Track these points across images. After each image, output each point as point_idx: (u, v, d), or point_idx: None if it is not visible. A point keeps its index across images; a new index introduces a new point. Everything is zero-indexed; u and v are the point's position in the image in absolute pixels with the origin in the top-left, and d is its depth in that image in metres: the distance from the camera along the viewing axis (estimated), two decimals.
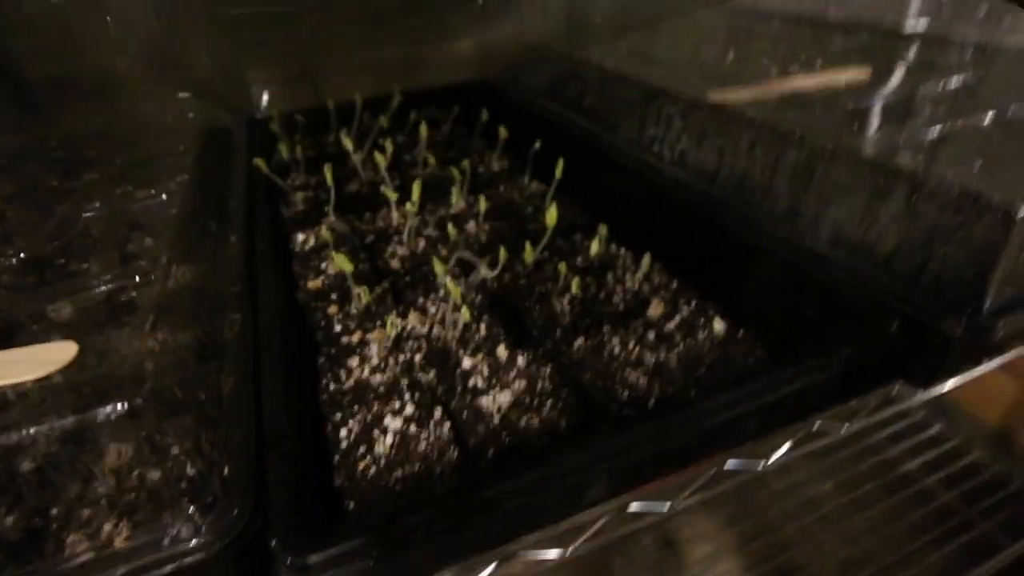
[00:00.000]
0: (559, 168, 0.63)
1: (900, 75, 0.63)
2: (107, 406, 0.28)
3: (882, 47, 0.74)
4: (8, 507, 0.27)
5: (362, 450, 0.37)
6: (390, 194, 0.62)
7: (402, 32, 1.00)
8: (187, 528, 0.27)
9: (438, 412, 0.38)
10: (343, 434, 0.38)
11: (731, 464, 0.42)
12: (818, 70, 0.67)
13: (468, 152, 0.82)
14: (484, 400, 0.39)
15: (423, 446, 0.36)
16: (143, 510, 0.28)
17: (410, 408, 0.39)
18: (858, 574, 0.85)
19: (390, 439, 0.37)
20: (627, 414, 0.38)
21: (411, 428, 0.37)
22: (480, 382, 0.41)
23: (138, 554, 0.27)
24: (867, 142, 0.48)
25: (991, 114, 0.51)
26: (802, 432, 0.46)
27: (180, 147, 0.60)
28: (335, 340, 0.47)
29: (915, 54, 0.71)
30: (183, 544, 0.27)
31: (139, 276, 0.39)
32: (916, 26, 0.81)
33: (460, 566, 0.32)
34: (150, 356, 0.34)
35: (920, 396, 0.48)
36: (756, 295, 0.49)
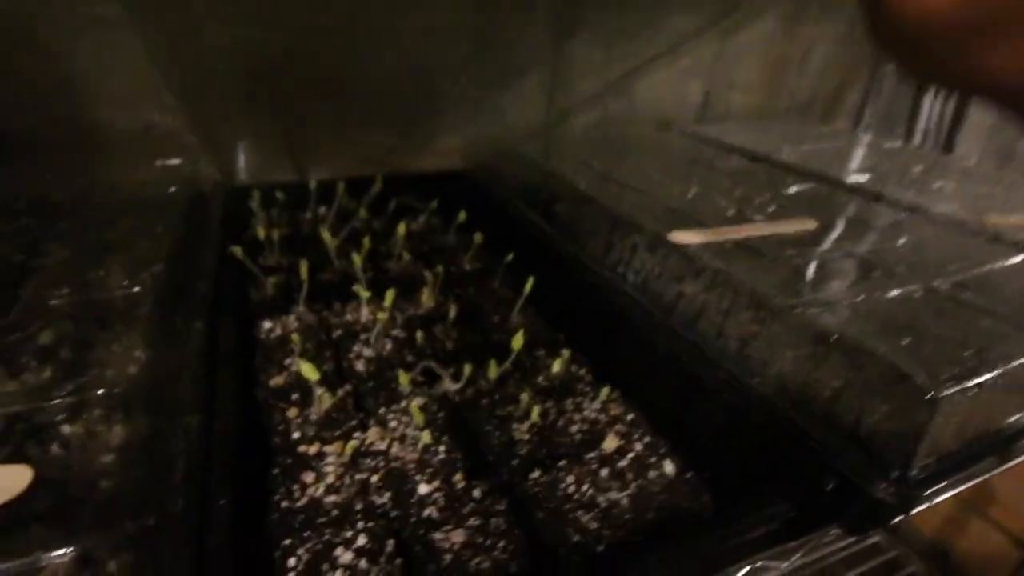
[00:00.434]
0: (528, 284, 0.66)
1: (841, 231, 0.69)
2: (56, 550, 0.27)
3: (827, 197, 0.82)
4: None
5: None
6: (363, 293, 0.63)
7: (389, 119, 1.05)
8: None
9: (390, 545, 0.38)
10: (291, 563, 0.37)
11: None
12: (770, 215, 0.73)
13: (443, 248, 0.85)
14: (438, 536, 0.39)
15: None
16: None
17: (362, 539, 0.38)
18: None
19: (339, 574, 0.36)
20: (575, 560, 0.39)
21: (361, 562, 0.37)
22: (435, 513, 0.41)
23: None
24: (808, 301, 0.53)
25: (918, 287, 0.57)
26: (744, 570, 0.47)
27: (158, 228, 0.60)
28: (292, 449, 0.47)
29: (855, 208, 0.78)
30: None
31: (101, 386, 0.38)
32: (857, 179, 0.90)
33: None
34: (103, 475, 0.33)
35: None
36: (705, 435, 0.51)
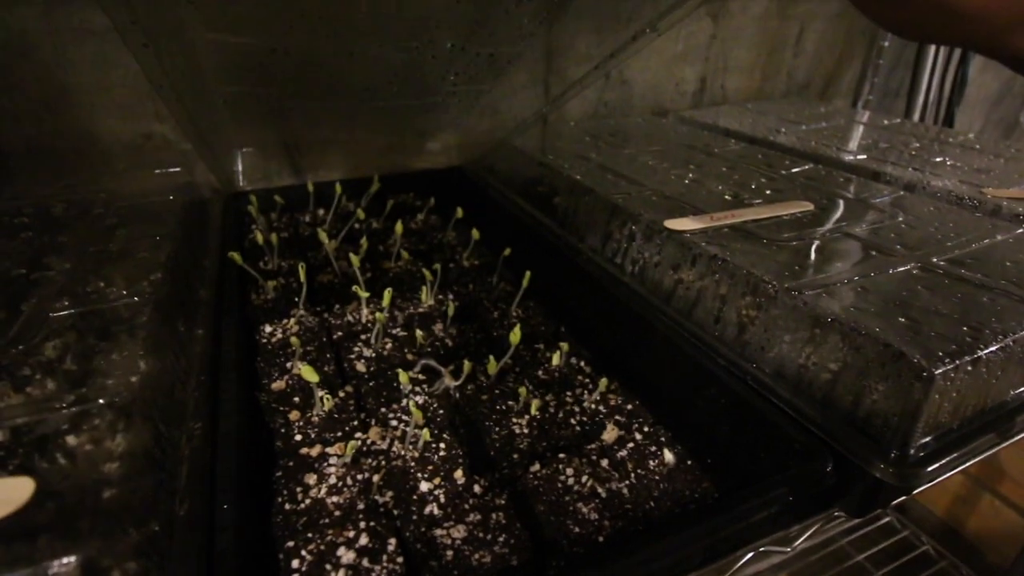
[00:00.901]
0: (526, 278, 0.66)
1: (839, 212, 0.69)
2: (59, 559, 0.28)
3: (825, 177, 0.82)
4: None
5: None
6: (362, 293, 0.64)
7: (388, 115, 1.04)
8: None
9: (392, 544, 0.39)
10: (295, 564, 0.38)
11: None
12: (767, 198, 0.73)
13: (441, 246, 0.85)
14: (439, 532, 0.40)
15: None
16: None
17: (364, 538, 0.39)
18: None
19: (342, 574, 0.37)
20: (576, 552, 0.40)
21: (364, 561, 0.38)
22: (436, 510, 0.42)
23: None
24: (805, 284, 0.53)
25: (916, 265, 0.57)
26: (748, 556, 0.48)
27: (157, 236, 0.61)
28: (294, 452, 0.48)
29: (852, 188, 0.78)
30: None
31: (102, 396, 0.39)
32: (855, 158, 0.89)
33: None
34: (107, 484, 0.34)
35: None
36: (704, 422, 0.51)
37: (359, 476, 0.45)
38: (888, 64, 1.35)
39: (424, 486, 0.44)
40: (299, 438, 0.49)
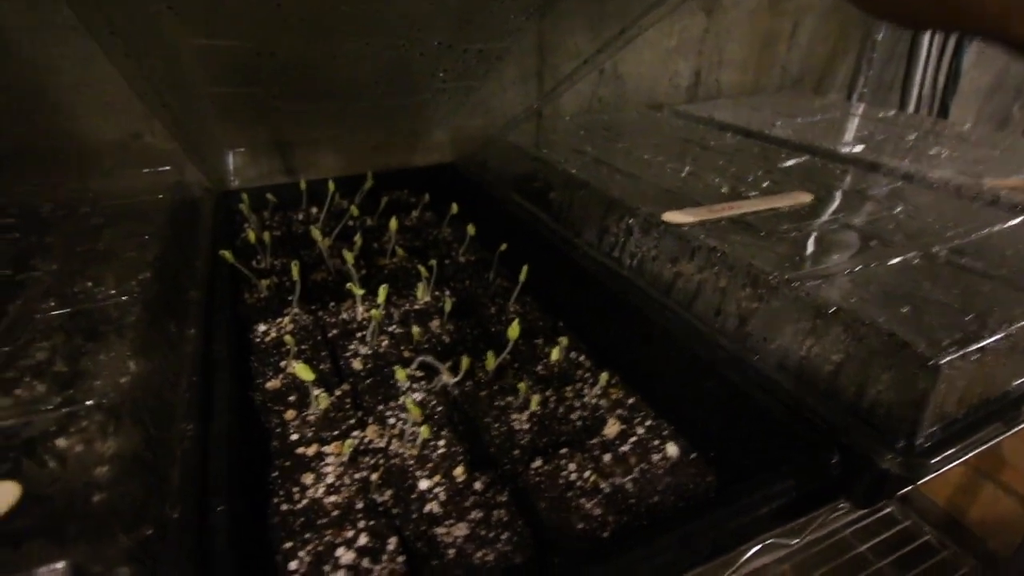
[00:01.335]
0: (523, 273, 0.65)
1: (837, 203, 0.68)
2: (47, 565, 0.27)
3: (822, 169, 0.81)
4: None
5: None
6: (356, 290, 0.63)
7: (378, 113, 1.03)
8: None
9: (392, 543, 0.38)
10: (293, 566, 0.37)
11: None
12: (764, 191, 0.72)
13: (436, 242, 0.84)
14: (440, 531, 0.39)
15: None
16: None
17: (364, 538, 0.38)
18: None
19: (342, 575, 0.36)
20: (580, 548, 0.39)
21: (364, 562, 0.37)
22: (437, 508, 0.41)
23: None
24: (805, 275, 0.52)
25: (917, 255, 0.56)
26: (755, 548, 0.47)
27: (145, 235, 0.60)
28: (290, 451, 0.47)
29: (850, 179, 0.77)
30: None
31: (90, 398, 0.38)
32: (852, 150, 0.89)
33: None
34: (97, 487, 0.33)
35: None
36: (707, 415, 0.51)
37: (357, 475, 0.44)
38: (882, 57, 1.35)
39: (424, 484, 0.43)
40: (295, 437, 0.48)
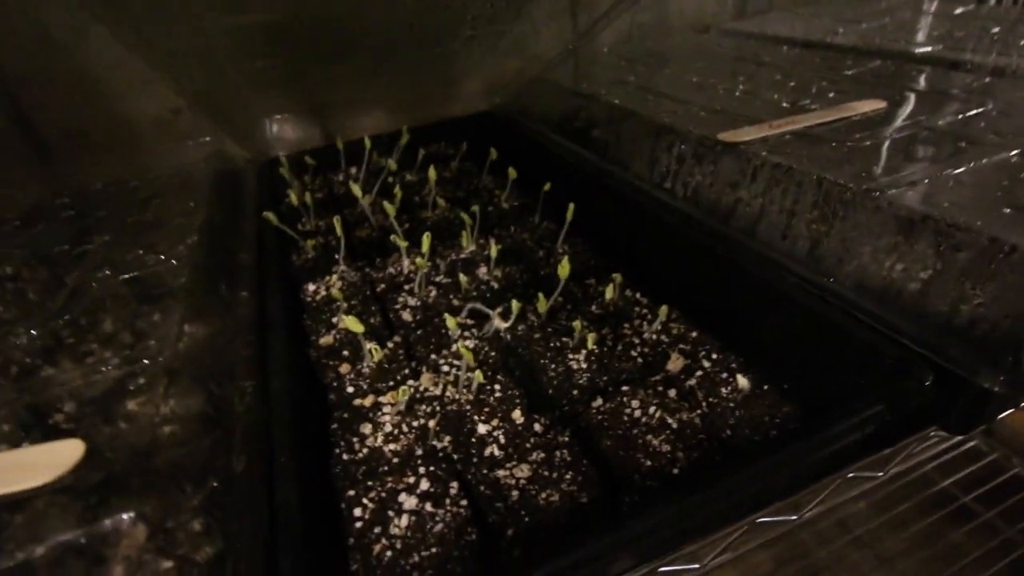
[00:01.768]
0: (570, 211, 0.62)
1: (916, 107, 0.61)
2: (115, 515, 0.27)
3: (895, 73, 0.73)
4: None
5: (377, 531, 0.35)
6: (400, 243, 0.62)
7: (410, 67, 1.00)
8: None
9: (454, 487, 0.37)
10: (357, 512, 0.37)
11: (763, 520, 0.41)
12: (830, 102, 0.65)
13: (477, 190, 0.81)
14: (501, 473, 0.38)
15: (440, 527, 0.35)
16: None
17: (425, 483, 0.37)
18: None
19: (405, 520, 0.35)
20: (650, 486, 0.37)
21: (427, 506, 0.36)
22: (497, 451, 0.40)
23: None
24: (887, 184, 0.47)
25: (1015, 153, 0.49)
26: (836, 483, 0.44)
27: (191, 203, 0.60)
28: (347, 403, 0.46)
29: (929, 81, 0.69)
30: None
31: (148, 357, 0.38)
32: (928, 49, 0.80)
33: None
34: (160, 444, 0.33)
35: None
36: (779, 344, 0.47)
37: (415, 423, 0.43)
38: None
39: (482, 428, 0.42)
40: (351, 390, 0.48)
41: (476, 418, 0.43)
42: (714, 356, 0.47)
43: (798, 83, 0.73)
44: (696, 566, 0.41)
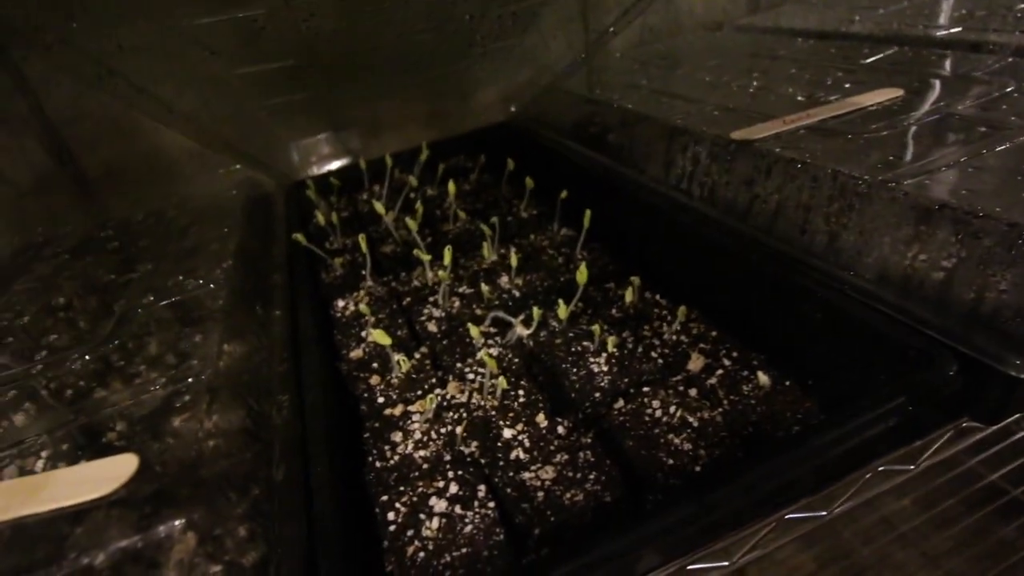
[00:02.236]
0: (587, 218, 0.63)
1: (935, 93, 0.60)
2: (167, 523, 0.29)
3: (913, 59, 0.72)
4: None
5: (410, 533, 0.37)
6: (423, 256, 0.64)
7: (425, 86, 1.03)
8: None
9: (482, 490, 0.39)
10: (391, 516, 0.38)
11: (792, 516, 0.41)
12: (846, 93, 0.65)
13: (496, 201, 0.83)
14: (527, 475, 0.39)
15: (469, 528, 0.36)
16: None
17: (454, 487, 0.39)
18: None
19: (436, 522, 0.37)
20: (673, 484, 0.38)
21: (456, 509, 0.38)
22: (522, 454, 0.41)
23: None
24: (904, 174, 0.47)
25: None
26: (865, 477, 0.44)
27: (225, 229, 0.63)
28: (378, 413, 0.48)
29: (948, 65, 0.68)
30: None
31: (191, 376, 0.40)
32: (948, 32, 0.78)
33: None
34: (205, 457, 0.35)
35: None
36: (800, 340, 0.47)
37: (443, 430, 0.45)
38: None
39: (507, 432, 0.43)
40: (381, 400, 0.50)
41: (501, 423, 0.44)
42: (734, 354, 0.47)
43: (813, 76, 0.73)
44: (725, 563, 0.42)
